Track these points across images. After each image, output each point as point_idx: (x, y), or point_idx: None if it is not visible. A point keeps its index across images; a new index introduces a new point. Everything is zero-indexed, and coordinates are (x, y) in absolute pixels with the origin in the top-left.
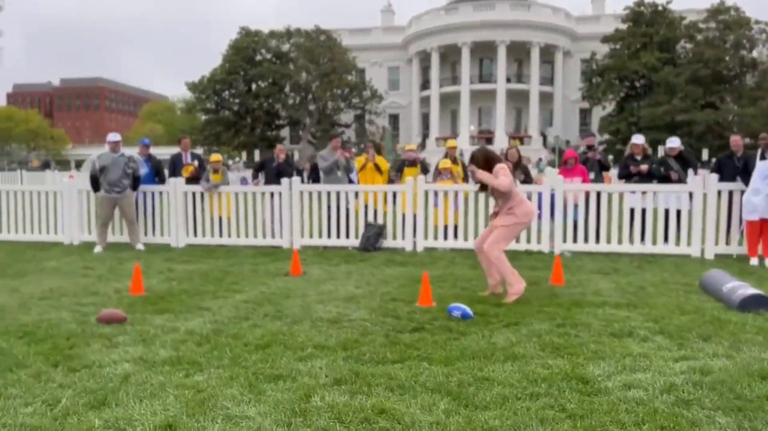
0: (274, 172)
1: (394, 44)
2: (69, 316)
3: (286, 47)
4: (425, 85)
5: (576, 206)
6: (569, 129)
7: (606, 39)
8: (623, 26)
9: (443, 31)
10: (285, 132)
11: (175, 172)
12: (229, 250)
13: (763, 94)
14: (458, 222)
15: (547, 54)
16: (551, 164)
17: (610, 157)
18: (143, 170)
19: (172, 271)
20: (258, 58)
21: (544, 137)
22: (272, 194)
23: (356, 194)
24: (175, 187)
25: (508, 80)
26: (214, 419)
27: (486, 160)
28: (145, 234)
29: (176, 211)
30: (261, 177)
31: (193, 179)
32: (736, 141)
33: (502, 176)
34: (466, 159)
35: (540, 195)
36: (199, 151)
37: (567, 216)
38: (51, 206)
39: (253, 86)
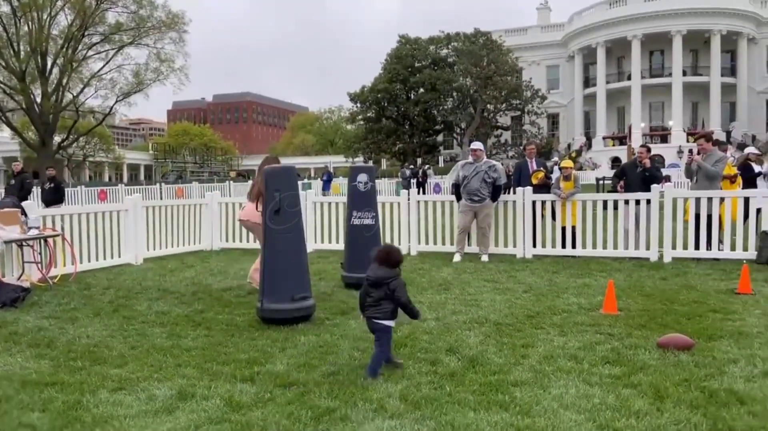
0: (639, 178)
1: (553, 42)
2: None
3: (444, 52)
4: (588, 82)
5: None
6: (755, 123)
7: None
8: None
9: (610, 25)
10: (440, 137)
11: (520, 180)
12: (579, 261)
13: None
14: None
15: (728, 42)
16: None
17: None
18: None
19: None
20: (417, 65)
21: (728, 133)
22: (637, 202)
23: (721, 200)
24: (524, 195)
25: (684, 73)
26: None
27: None
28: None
29: (523, 220)
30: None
31: (541, 186)
32: None
33: None
34: None
35: None
36: (360, 159)
37: None
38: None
39: (412, 94)
